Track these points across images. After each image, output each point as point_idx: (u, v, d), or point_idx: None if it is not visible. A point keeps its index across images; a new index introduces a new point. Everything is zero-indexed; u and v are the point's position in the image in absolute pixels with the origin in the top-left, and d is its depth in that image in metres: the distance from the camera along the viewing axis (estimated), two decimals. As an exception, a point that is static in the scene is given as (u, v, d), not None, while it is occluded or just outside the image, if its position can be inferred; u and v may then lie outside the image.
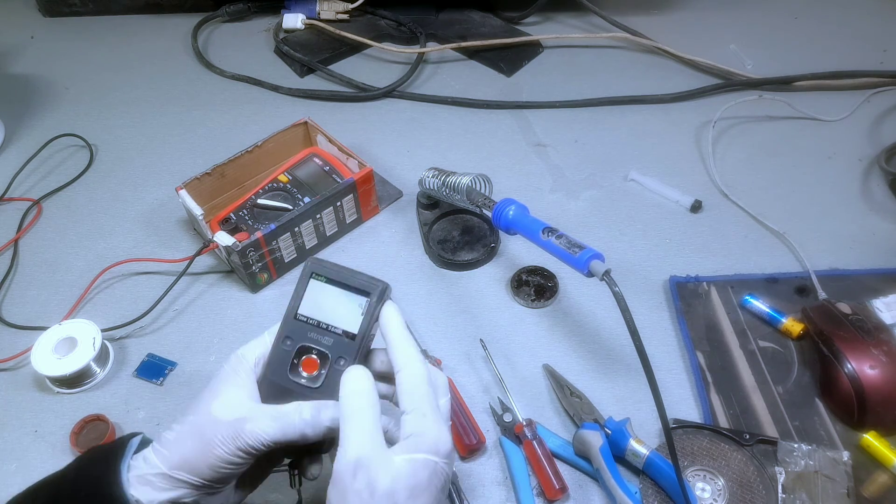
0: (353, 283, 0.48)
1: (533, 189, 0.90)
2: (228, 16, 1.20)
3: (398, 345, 0.47)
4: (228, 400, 0.46)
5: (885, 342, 0.65)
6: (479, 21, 1.17)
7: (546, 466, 0.61)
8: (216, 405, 0.46)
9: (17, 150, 0.99)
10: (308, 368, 0.48)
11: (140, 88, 1.09)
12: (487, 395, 0.69)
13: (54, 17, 1.24)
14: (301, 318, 0.49)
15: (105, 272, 0.80)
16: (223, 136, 0.99)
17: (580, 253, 0.63)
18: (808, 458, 0.61)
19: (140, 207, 0.90)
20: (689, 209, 0.85)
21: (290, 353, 0.48)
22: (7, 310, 0.79)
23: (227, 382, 0.47)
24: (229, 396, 0.47)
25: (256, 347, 0.49)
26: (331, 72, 1.08)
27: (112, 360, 0.73)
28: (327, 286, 0.49)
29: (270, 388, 0.48)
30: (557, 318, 0.76)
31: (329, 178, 0.84)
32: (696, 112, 0.99)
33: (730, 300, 0.75)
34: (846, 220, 0.84)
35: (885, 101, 0.99)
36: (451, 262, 0.81)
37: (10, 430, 0.69)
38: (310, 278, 0.49)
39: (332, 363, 0.48)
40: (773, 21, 1.16)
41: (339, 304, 0.48)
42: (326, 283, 0.49)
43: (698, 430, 0.64)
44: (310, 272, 0.49)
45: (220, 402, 0.46)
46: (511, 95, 1.04)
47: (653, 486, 0.61)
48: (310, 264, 0.49)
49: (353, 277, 0.48)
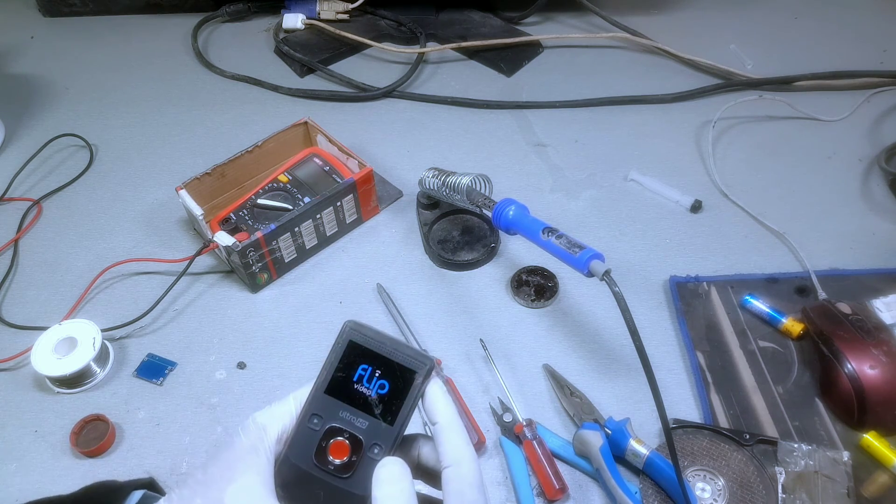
0: (397, 358, 0.42)
1: (533, 189, 0.90)
2: (228, 16, 1.20)
3: (449, 437, 0.41)
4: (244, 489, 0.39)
5: (885, 342, 0.65)
6: (479, 21, 1.17)
7: (546, 466, 0.61)
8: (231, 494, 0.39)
9: (17, 150, 0.99)
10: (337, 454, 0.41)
11: (140, 88, 1.09)
12: (487, 395, 0.69)
13: (54, 17, 1.24)
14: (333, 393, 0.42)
15: (105, 272, 0.80)
16: (223, 136, 0.99)
17: (580, 253, 0.63)
18: (808, 458, 0.61)
19: (140, 207, 0.90)
20: (689, 209, 0.85)
21: (318, 435, 0.42)
22: (7, 310, 0.79)
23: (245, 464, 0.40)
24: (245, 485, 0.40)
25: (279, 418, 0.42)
26: (331, 72, 1.08)
27: (112, 360, 0.73)
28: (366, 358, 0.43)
29: (291, 471, 0.42)
30: (557, 318, 0.76)
31: (329, 178, 0.84)
32: (696, 112, 0.99)
33: (730, 300, 0.75)
34: (846, 220, 0.84)
35: (885, 101, 0.99)
36: (451, 262, 0.81)
37: (10, 430, 0.69)
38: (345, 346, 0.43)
39: (365, 451, 0.41)
40: (773, 21, 1.16)
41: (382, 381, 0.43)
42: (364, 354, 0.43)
43: (698, 430, 0.64)
44: (346, 339, 0.43)
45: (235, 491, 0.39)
46: (511, 95, 1.04)
47: (653, 486, 0.61)
48: (348, 330, 0.43)
49: (397, 352, 0.42)
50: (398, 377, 0.42)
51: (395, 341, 0.43)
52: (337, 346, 0.43)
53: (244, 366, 0.73)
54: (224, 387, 0.71)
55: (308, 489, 0.41)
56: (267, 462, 0.40)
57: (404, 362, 0.42)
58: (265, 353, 0.74)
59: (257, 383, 0.71)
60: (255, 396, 0.70)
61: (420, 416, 0.67)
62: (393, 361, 0.42)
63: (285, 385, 0.71)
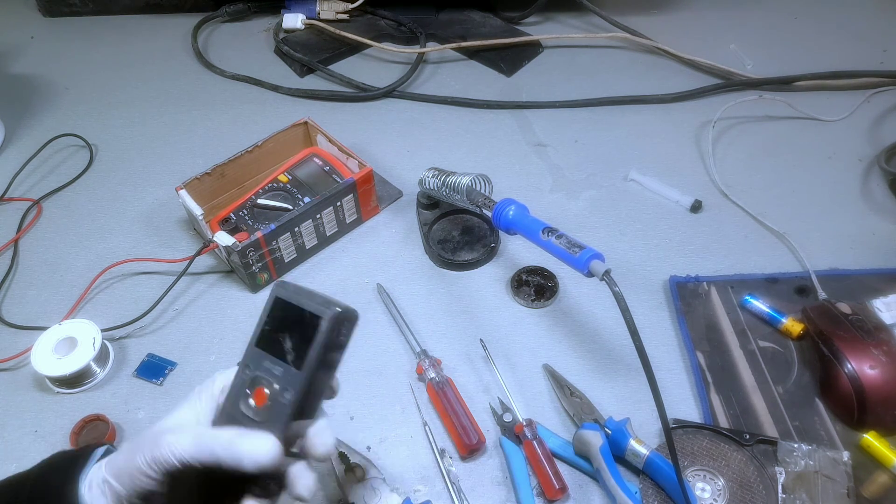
0: (307, 307, 0.44)
1: (533, 189, 0.90)
2: (228, 16, 1.21)
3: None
4: (176, 417, 0.46)
5: (885, 342, 0.65)
6: (479, 21, 1.17)
7: (546, 466, 0.61)
8: (166, 420, 0.45)
9: (17, 150, 0.99)
10: (258, 400, 0.44)
11: (140, 88, 1.09)
12: (487, 395, 0.69)
13: (54, 17, 1.25)
14: (261, 346, 0.46)
15: (105, 272, 0.80)
16: (223, 136, 0.99)
17: (580, 253, 0.63)
18: (808, 458, 0.61)
19: (140, 207, 0.90)
20: (689, 209, 0.85)
21: (245, 382, 0.45)
22: (7, 310, 0.79)
23: (187, 403, 0.46)
24: (179, 414, 0.46)
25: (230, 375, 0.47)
26: (331, 72, 1.08)
27: (112, 360, 0.73)
28: (287, 311, 0.45)
29: (224, 416, 0.46)
30: (557, 318, 0.76)
31: (329, 178, 0.84)
32: (696, 112, 0.99)
33: (730, 300, 0.75)
34: (846, 220, 0.84)
35: (885, 101, 0.99)
36: (451, 262, 0.81)
37: (10, 430, 0.69)
38: (272, 302, 0.46)
39: (276, 394, 0.44)
40: (773, 21, 1.16)
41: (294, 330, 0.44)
42: (286, 307, 0.45)
43: (698, 430, 0.64)
44: (273, 296, 0.46)
45: (170, 418, 0.45)
46: (511, 95, 1.04)
47: (653, 486, 0.61)
48: (274, 287, 0.46)
49: (309, 300, 0.44)
50: (307, 325, 0.43)
51: (315, 294, 0.45)
52: (267, 303, 0.46)
53: (244, 366, 0.73)
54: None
55: None
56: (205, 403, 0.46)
57: (312, 310, 0.43)
58: (265, 353, 0.74)
59: (257, 383, 0.71)
60: (255, 396, 0.70)
61: (420, 415, 0.67)
62: (304, 310, 0.44)
63: (285, 385, 0.71)
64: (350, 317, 0.44)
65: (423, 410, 0.68)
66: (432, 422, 0.67)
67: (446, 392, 0.67)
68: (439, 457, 0.64)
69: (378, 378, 0.71)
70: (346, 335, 0.45)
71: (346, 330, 0.45)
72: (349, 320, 0.44)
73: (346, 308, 0.44)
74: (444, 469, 0.64)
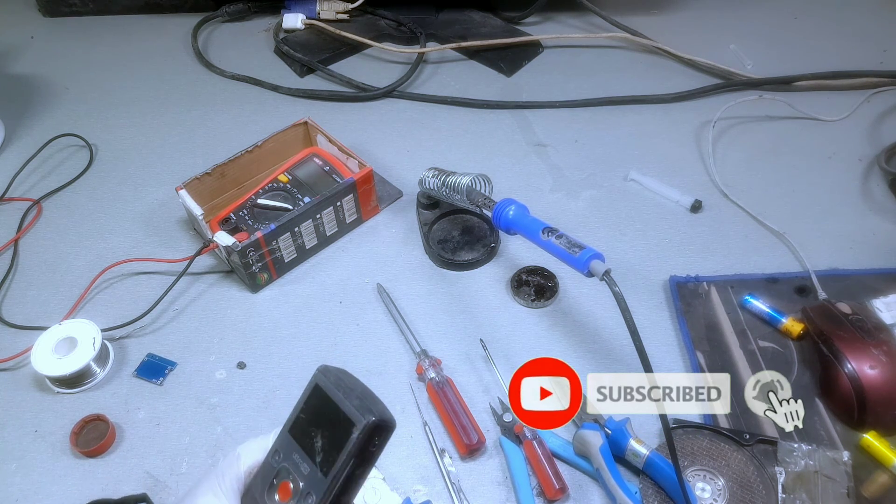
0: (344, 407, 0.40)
1: (533, 189, 0.90)
2: (228, 16, 1.20)
3: None
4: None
5: (885, 342, 0.65)
6: (479, 21, 1.17)
7: (546, 466, 0.61)
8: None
9: (17, 150, 0.99)
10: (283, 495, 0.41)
11: (140, 88, 1.09)
12: (487, 395, 0.69)
13: (54, 17, 1.24)
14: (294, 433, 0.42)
15: (105, 272, 0.80)
16: (223, 136, 0.99)
17: (580, 253, 0.63)
18: (808, 458, 0.61)
19: (140, 207, 0.90)
20: (689, 209, 0.85)
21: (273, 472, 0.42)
22: (7, 310, 0.79)
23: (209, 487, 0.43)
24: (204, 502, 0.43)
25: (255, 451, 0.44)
26: (331, 72, 1.08)
27: (112, 360, 0.73)
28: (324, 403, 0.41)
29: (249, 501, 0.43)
30: (557, 318, 0.76)
31: (329, 178, 0.84)
32: (696, 112, 0.99)
33: (730, 300, 0.75)
34: (846, 220, 0.84)
35: (885, 101, 0.99)
36: (451, 262, 0.81)
37: (10, 430, 0.69)
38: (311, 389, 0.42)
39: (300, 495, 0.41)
40: (773, 21, 1.16)
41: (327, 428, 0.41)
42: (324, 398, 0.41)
43: (698, 430, 0.64)
44: (313, 383, 0.42)
45: None
46: (511, 95, 1.04)
47: (653, 486, 0.61)
48: (316, 373, 0.42)
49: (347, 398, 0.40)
50: (341, 427, 0.40)
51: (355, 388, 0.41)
52: (307, 388, 0.42)
53: (244, 366, 0.73)
54: (224, 387, 0.71)
55: None
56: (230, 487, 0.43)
57: (348, 412, 0.39)
58: (265, 353, 0.74)
59: (257, 383, 0.71)
60: (255, 396, 0.70)
61: (420, 415, 0.67)
62: (340, 410, 0.40)
63: (285, 385, 0.71)
64: (387, 426, 0.40)
65: (422, 410, 0.68)
66: (432, 422, 0.67)
67: (446, 392, 0.67)
68: (439, 457, 0.64)
69: (378, 378, 0.71)
70: (379, 446, 0.40)
71: (379, 440, 0.40)
72: (385, 430, 0.40)
73: (383, 415, 0.39)
74: (444, 469, 0.64)
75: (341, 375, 0.42)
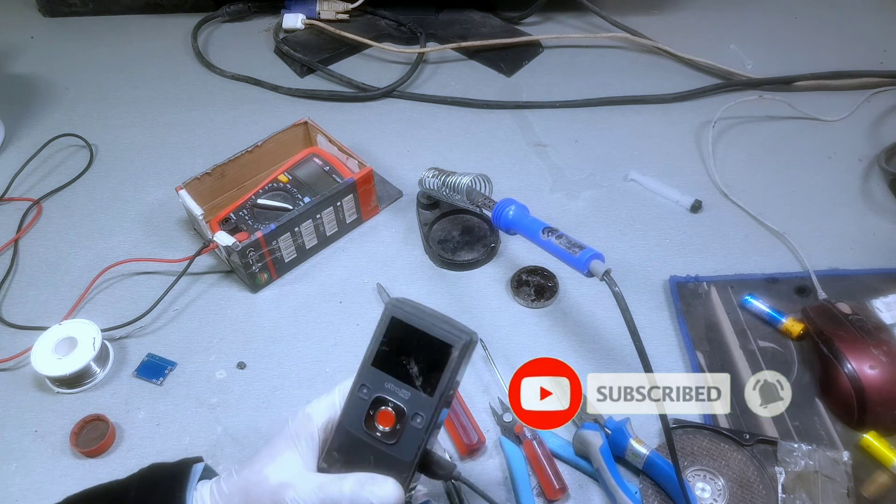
0: (435, 332, 0.44)
1: (533, 189, 0.90)
2: (228, 16, 1.20)
3: None
4: (282, 463, 0.45)
5: (885, 342, 0.65)
6: (479, 21, 1.17)
7: (546, 466, 0.61)
8: (271, 468, 0.45)
9: (17, 150, 0.99)
10: (384, 422, 0.44)
11: (140, 88, 1.09)
12: (487, 395, 0.69)
13: (54, 17, 1.24)
14: (378, 365, 0.45)
15: (105, 272, 0.80)
16: (223, 136, 0.99)
17: (580, 253, 0.63)
18: (808, 458, 0.61)
19: (140, 207, 0.90)
20: (689, 209, 0.85)
21: (367, 404, 0.45)
22: (7, 310, 0.79)
23: (287, 445, 0.46)
24: (284, 460, 0.45)
25: (325, 409, 0.47)
26: (331, 72, 1.08)
27: (112, 360, 0.73)
28: (409, 333, 0.44)
29: (345, 436, 0.45)
30: (557, 318, 0.76)
31: (329, 178, 0.84)
32: (696, 112, 0.99)
33: (730, 300, 0.75)
34: (846, 220, 0.84)
35: (885, 101, 0.99)
36: (451, 262, 0.81)
37: (10, 430, 0.68)
38: (388, 322, 0.45)
39: (408, 420, 0.44)
40: (773, 21, 1.16)
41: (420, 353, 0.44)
42: (407, 329, 0.44)
43: (698, 430, 0.64)
44: (389, 316, 0.45)
45: (275, 465, 0.45)
46: (511, 95, 1.04)
47: (653, 486, 0.61)
48: (390, 307, 0.45)
49: (436, 326, 0.44)
50: (436, 350, 0.44)
51: (435, 316, 0.45)
52: (381, 322, 0.45)
53: (244, 366, 0.73)
54: (224, 387, 0.71)
55: (359, 453, 0.44)
56: (307, 445, 0.45)
57: (441, 336, 0.44)
58: (265, 353, 0.74)
59: (257, 383, 0.71)
60: (255, 396, 0.70)
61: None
62: (431, 336, 0.44)
63: (285, 385, 0.71)
64: (475, 342, 0.44)
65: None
66: (432, 422, 0.67)
67: (446, 392, 0.67)
68: (439, 457, 0.64)
69: (378, 378, 0.71)
70: (468, 361, 0.45)
71: (468, 356, 0.44)
72: (474, 346, 0.44)
73: (471, 334, 0.44)
74: (444, 469, 0.64)
75: (415, 305, 0.45)
